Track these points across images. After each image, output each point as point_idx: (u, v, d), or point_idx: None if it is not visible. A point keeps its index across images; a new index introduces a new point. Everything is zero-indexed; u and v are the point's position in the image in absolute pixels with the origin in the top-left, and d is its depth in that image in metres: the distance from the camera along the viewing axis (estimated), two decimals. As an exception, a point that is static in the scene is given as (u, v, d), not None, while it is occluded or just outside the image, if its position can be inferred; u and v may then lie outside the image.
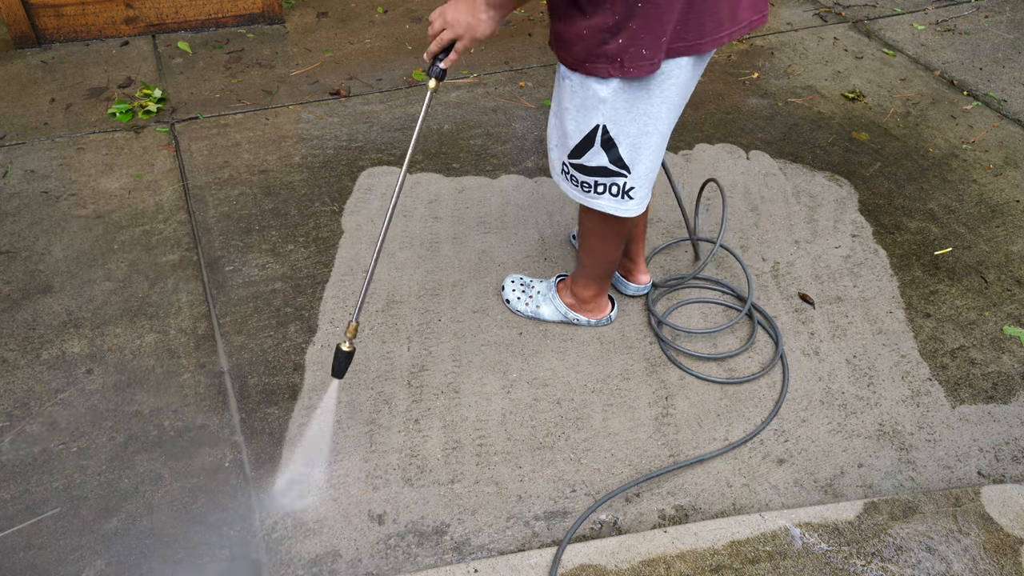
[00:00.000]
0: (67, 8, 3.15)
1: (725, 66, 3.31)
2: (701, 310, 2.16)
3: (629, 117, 1.47)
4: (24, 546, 1.57)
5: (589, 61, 1.39)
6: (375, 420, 1.84)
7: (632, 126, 1.48)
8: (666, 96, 1.46)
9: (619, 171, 1.56)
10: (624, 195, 1.61)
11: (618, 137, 1.50)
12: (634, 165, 1.55)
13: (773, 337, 2.09)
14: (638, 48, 1.34)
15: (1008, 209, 2.57)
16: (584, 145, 1.54)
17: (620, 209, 1.63)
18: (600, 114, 1.47)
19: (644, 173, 1.58)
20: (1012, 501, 1.66)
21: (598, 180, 1.59)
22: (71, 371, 1.92)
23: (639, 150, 1.53)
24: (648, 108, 1.46)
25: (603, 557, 1.53)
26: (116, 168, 2.57)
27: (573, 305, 2.02)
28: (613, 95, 1.43)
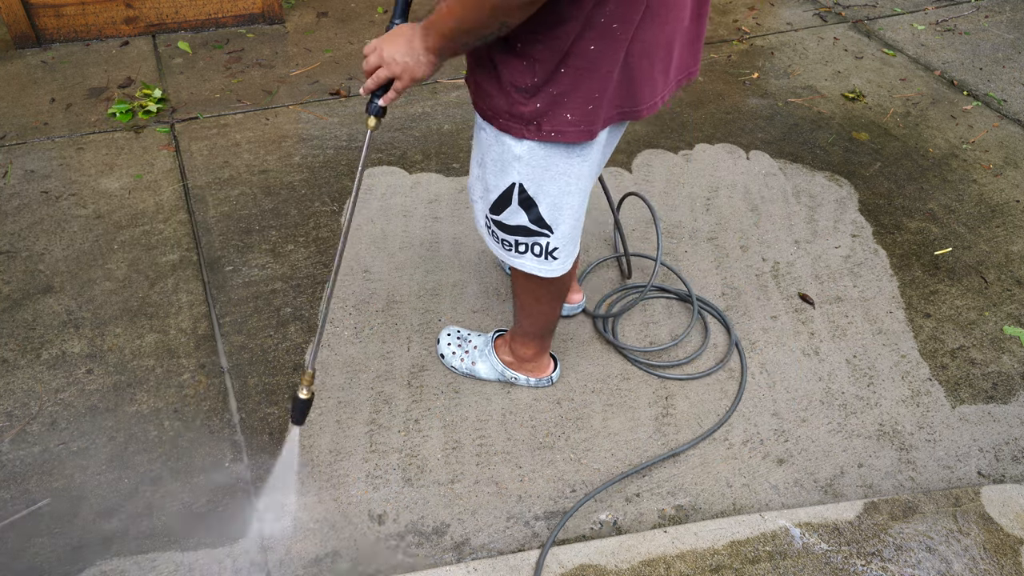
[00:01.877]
0: (67, 8, 3.15)
1: (725, 66, 3.31)
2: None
3: (548, 176, 1.36)
4: (24, 546, 1.57)
5: (503, 118, 1.30)
6: (375, 420, 1.84)
7: (552, 185, 1.37)
8: (586, 155, 1.36)
9: (540, 231, 1.45)
10: (547, 255, 1.50)
11: (537, 196, 1.39)
12: (556, 225, 1.44)
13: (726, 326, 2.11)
14: (560, 113, 1.25)
15: (1008, 209, 2.57)
16: (502, 202, 1.43)
17: (544, 270, 1.52)
18: (516, 172, 1.36)
19: (567, 232, 1.47)
20: (1012, 501, 1.66)
21: (519, 239, 1.48)
22: (71, 371, 1.92)
23: (560, 210, 1.42)
24: (568, 168, 1.36)
25: (603, 557, 1.53)
26: (116, 168, 2.57)
27: (511, 363, 1.88)
28: (529, 153, 1.32)
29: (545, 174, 1.36)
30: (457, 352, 1.93)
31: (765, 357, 2.04)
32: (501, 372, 1.90)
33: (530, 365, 1.88)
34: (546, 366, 1.91)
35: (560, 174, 1.36)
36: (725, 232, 2.43)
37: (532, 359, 1.86)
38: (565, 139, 1.28)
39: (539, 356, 1.86)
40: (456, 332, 1.97)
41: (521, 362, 1.88)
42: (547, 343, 1.84)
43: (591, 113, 1.26)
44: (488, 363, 1.90)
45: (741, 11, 3.77)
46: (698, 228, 2.44)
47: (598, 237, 2.38)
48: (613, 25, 1.16)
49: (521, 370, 1.89)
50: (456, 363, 1.93)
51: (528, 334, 1.80)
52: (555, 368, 1.92)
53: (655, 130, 2.88)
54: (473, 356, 1.92)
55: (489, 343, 1.91)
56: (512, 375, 1.89)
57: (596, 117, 1.27)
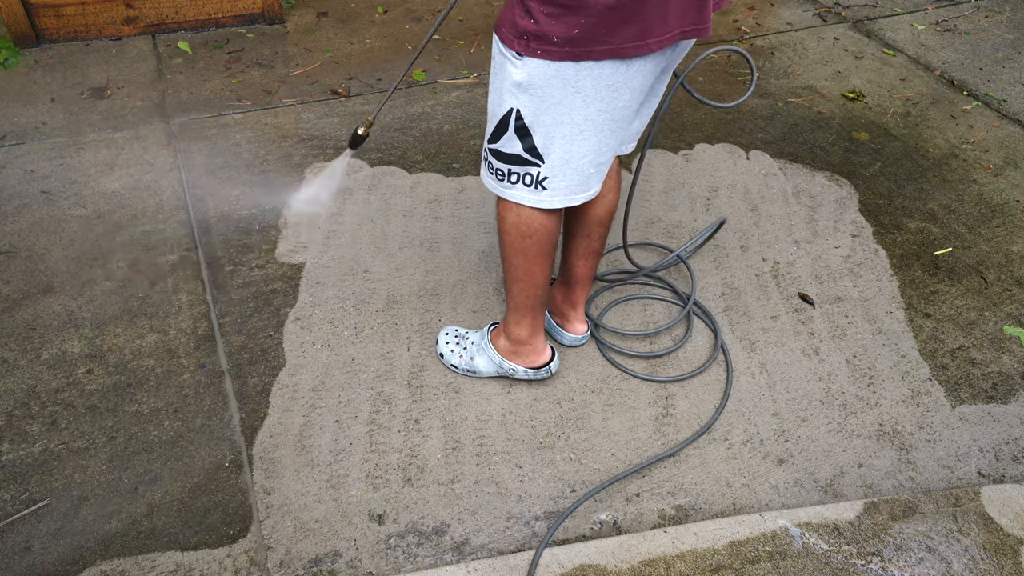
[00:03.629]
0: (67, 8, 3.15)
1: (725, 66, 3.31)
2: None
3: (544, 105, 1.40)
4: (24, 547, 1.57)
5: (504, 27, 1.37)
6: (375, 420, 1.84)
7: (546, 115, 1.42)
8: (582, 89, 1.37)
9: (533, 160, 1.50)
10: (537, 185, 1.53)
11: (532, 125, 1.44)
12: (547, 155, 1.48)
13: (712, 329, 2.11)
14: (548, 35, 1.30)
15: (1008, 209, 2.57)
16: (500, 129, 1.49)
17: (533, 200, 1.55)
18: (514, 97, 1.42)
19: (559, 164, 1.49)
20: (1012, 501, 1.66)
21: (512, 168, 1.53)
22: (71, 371, 1.92)
23: (553, 139, 1.46)
24: (563, 97, 1.39)
25: (603, 557, 1.53)
26: (116, 168, 2.57)
27: (507, 352, 1.87)
28: (528, 79, 1.37)
29: (541, 103, 1.40)
30: (456, 350, 1.94)
31: (765, 357, 2.04)
32: (499, 364, 1.88)
33: (525, 349, 1.85)
34: (542, 350, 1.88)
35: (555, 103, 1.40)
36: (725, 232, 2.43)
37: (527, 340, 1.84)
38: (546, 57, 1.33)
39: (533, 337, 1.84)
40: (455, 331, 1.99)
41: (516, 346, 1.85)
42: (539, 320, 1.82)
43: (575, 38, 1.30)
44: (486, 356, 1.90)
45: (741, 11, 3.77)
46: (698, 228, 2.44)
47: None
48: None
49: (518, 359, 1.87)
50: (456, 360, 1.93)
51: (520, 308, 1.78)
52: (552, 357, 1.90)
53: (655, 130, 2.87)
54: (472, 351, 1.92)
55: (485, 336, 1.91)
56: (510, 366, 1.87)
57: (579, 43, 1.30)
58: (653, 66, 1.42)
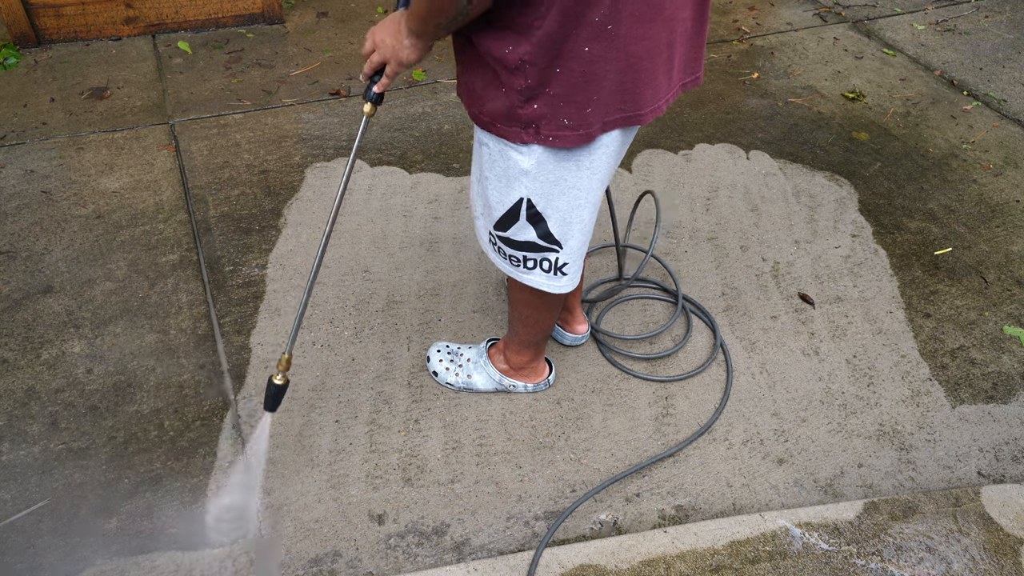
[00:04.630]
0: (67, 8, 3.15)
1: (725, 66, 3.31)
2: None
3: (557, 191, 1.33)
4: (24, 546, 1.57)
5: (501, 122, 1.25)
6: (375, 420, 1.84)
7: (561, 200, 1.34)
8: (596, 167, 1.32)
9: (550, 247, 1.42)
10: (557, 271, 1.47)
11: (546, 211, 1.35)
12: (566, 241, 1.41)
13: (710, 326, 2.11)
14: (558, 117, 1.21)
15: (1008, 209, 2.57)
16: (509, 218, 1.39)
17: (553, 286, 1.49)
18: (523, 187, 1.32)
19: (577, 248, 1.44)
20: (1012, 501, 1.66)
21: (527, 255, 1.45)
22: (71, 371, 1.92)
23: (570, 225, 1.38)
24: (577, 181, 1.32)
25: (603, 557, 1.53)
26: (116, 168, 2.57)
27: (507, 371, 1.86)
28: (537, 167, 1.28)
29: (554, 188, 1.32)
30: (451, 368, 1.90)
31: (765, 357, 2.04)
32: (499, 381, 1.87)
33: (526, 371, 1.87)
34: (542, 371, 1.89)
35: (570, 188, 1.33)
36: (725, 232, 2.43)
37: (527, 365, 1.85)
38: (564, 144, 1.25)
39: (534, 362, 1.85)
40: (446, 347, 1.94)
41: (516, 369, 1.86)
42: (541, 350, 1.84)
43: (588, 117, 1.22)
44: (484, 374, 1.88)
45: (741, 11, 3.77)
46: (698, 228, 2.44)
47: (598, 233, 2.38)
48: (608, 25, 1.13)
49: (518, 376, 1.87)
50: (451, 379, 1.89)
51: (524, 343, 1.78)
52: (550, 372, 1.91)
53: (655, 130, 2.87)
54: (468, 369, 1.89)
55: (483, 354, 1.89)
56: (510, 383, 1.87)
57: (593, 120, 1.23)
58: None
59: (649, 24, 1.18)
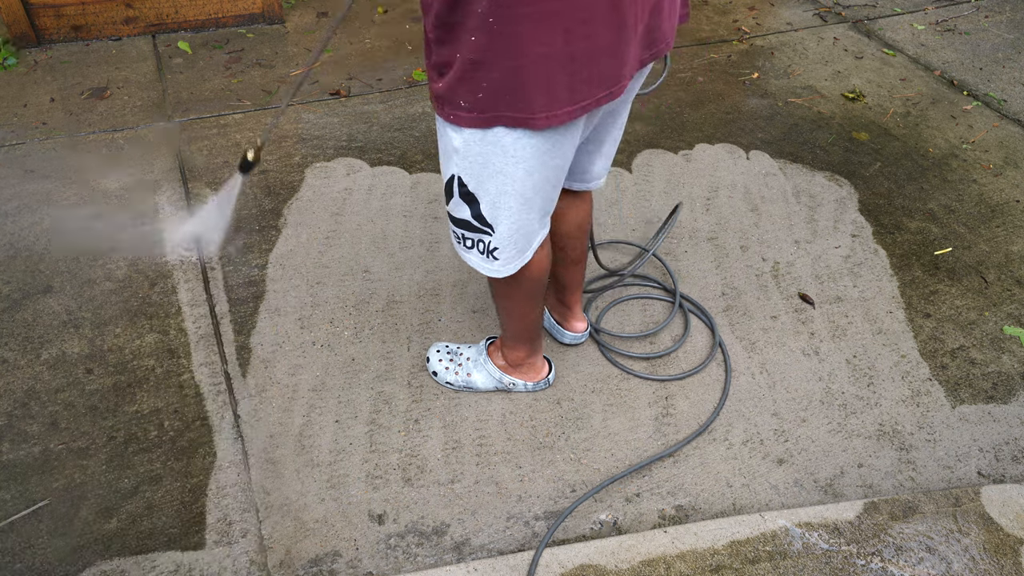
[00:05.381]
0: (67, 8, 3.15)
1: (725, 66, 3.31)
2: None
3: (486, 173, 1.32)
4: (24, 546, 1.57)
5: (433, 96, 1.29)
6: (375, 420, 1.84)
7: (490, 183, 1.33)
8: (520, 157, 1.28)
9: (483, 228, 1.42)
10: (489, 255, 1.46)
11: (477, 192, 1.36)
12: (496, 225, 1.40)
13: (709, 326, 2.11)
14: (456, 98, 1.22)
15: (1008, 209, 2.57)
16: (448, 193, 1.41)
17: (487, 268, 1.49)
18: (455, 164, 1.34)
19: (508, 235, 1.42)
20: (1012, 501, 1.66)
21: (465, 234, 1.46)
22: (71, 371, 1.92)
23: (499, 210, 1.38)
24: (503, 166, 1.30)
25: (603, 557, 1.53)
26: (116, 168, 2.57)
27: (506, 368, 1.86)
28: (464, 145, 1.29)
29: (483, 171, 1.32)
30: (450, 367, 1.90)
31: (765, 357, 2.04)
32: (499, 379, 1.87)
33: (524, 368, 1.86)
34: (540, 368, 1.89)
35: (496, 172, 1.31)
36: (725, 232, 2.43)
37: (524, 362, 1.85)
38: (458, 123, 1.25)
39: (531, 358, 1.85)
40: (445, 347, 1.94)
41: (515, 366, 1.86)
42: (536, 346, 1.83)
43: (481, 102, 1.20)
44: (484, 372, 1.88)
45: (741, 11, 3.77)
46: (698, 228, 2.44)
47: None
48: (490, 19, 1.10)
49: (517, 374, 1.87)
50: (451, 378, 1.89)
51: (514, 337, 1.78)
52: (550, 371, 1.91)
53: (655, 130, 2.88)
54: (468, 368, 1.89)
55: (483, 351, 1.89)
56: (510, 380, 1.87)
57: (486, 107, 1.21)
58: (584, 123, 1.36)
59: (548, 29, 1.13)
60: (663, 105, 3.03)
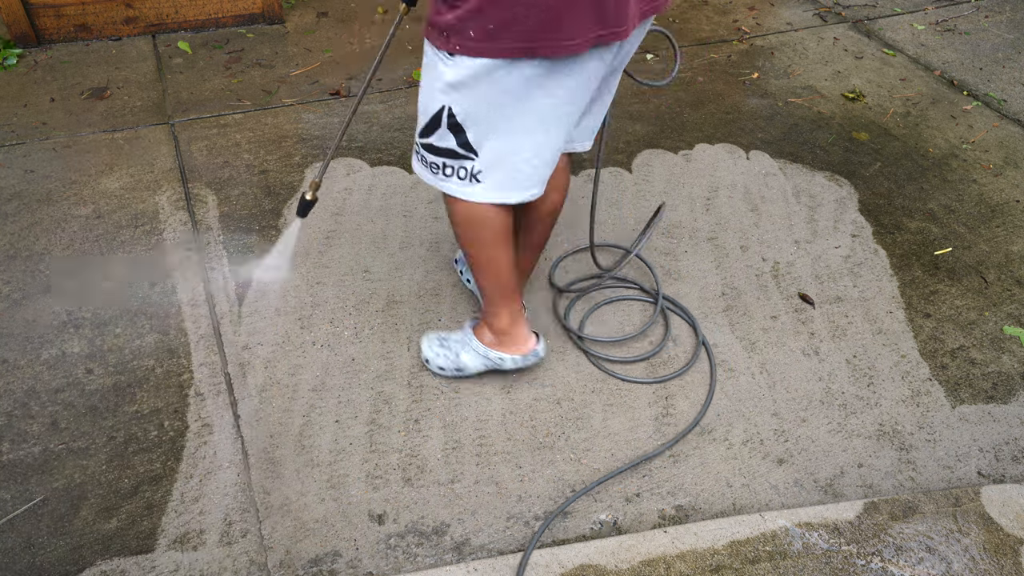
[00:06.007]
0: (67, 8, 3.15)
1: (725, 66, 3.31)
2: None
3: (476, 104, 1.41)
4: (24, 546, 1.57)
5: (432, 29, 1.36)
6: (375, 420, 1.84)
7: (479, 113, 1.43)
8: (510, 87, 1.37)
9: (467, 155, 1.51)
10: (471, 178, 1.54)
11: (465, 122, 1.45)
12: (480, 149, 1.49)
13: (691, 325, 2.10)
14: (466, 29, 1.30)
15: (1008, 209, 2.57)
16: (433, 124, 1.49)
17: (465, 193, 1.56)
18: (446, 95, 1.42)
19: (492, 160, 1.50)
20: (1012, 501, 1.66)
21: (446, 162, 1.54)
22: (71, 371, 1.92)
23: (486, 136, 1.46)
24: (494, 96, 1.39)
25: (603, 557, 1.53)
26: (116, 168, 2.57)
27: (492, 344, 1.85)
28: (457, 77, 1.37)
29: (472, 101, 1.40)
30: (440, 352, 1.91)
31: (765, 357, 2.04)
32: (485, 355, 1.86)
33: (509, 339, 1.84)
34: (526, 338, 1.85)
35: (486, 102, 1.40)
36: (725, 232, 2.43)
37: (508, 330, 1.82)
38: (467, 54, 1.32)
39: (514, 325, 1.82)
40: (436, 335, 1.95)
41: (500, 337, 1.84)
42: (515, 307, 1.80)
43: (492, 34, 1.29)
44: (471, 351, 1.87)
45: (741, 11, 3.78)
46: (698, 228, 2.44)
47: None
48: None
49: (503, 347, 1.85)
50: (442, 362, 1.91)
51: (493, 299, 1.78)
52: (538, 342, 1.88)
53: (655, 130, 2.88)
54: (456, 350, 1.89)
55: (468, 332, 1.89)
56: (497, 356, 1.85)
57: (499, 38, 1.29)
58: (593, 67, 1.41)
59: None
60: (663, 105, 3.03)
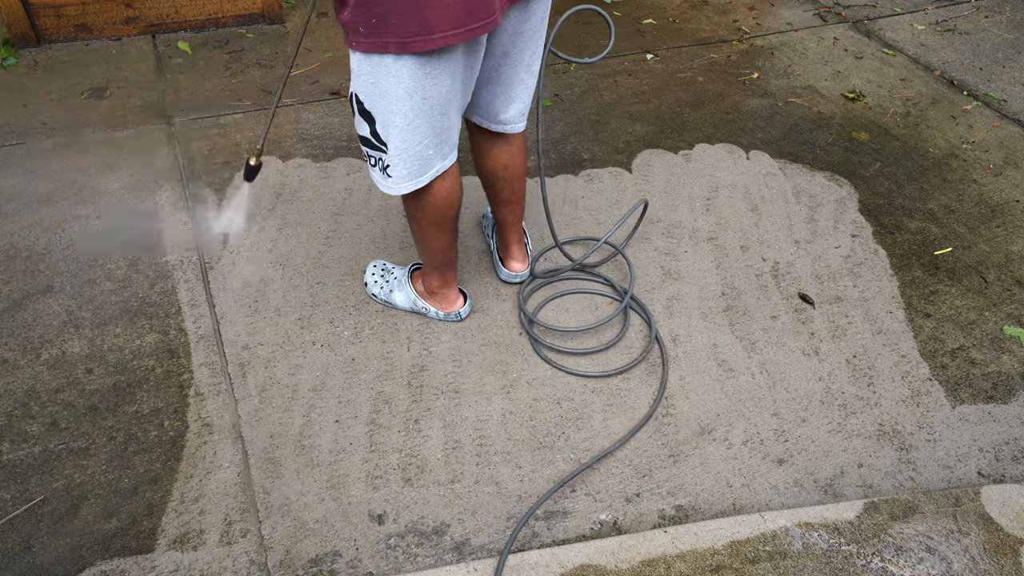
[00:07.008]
0: (67, 8, 3.15)
1: (725, 66, 3.31)
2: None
3: (376, 92, 1.49)
4: (24, 546, 1.57)
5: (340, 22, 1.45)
6: (375, 420, 1.84)
7: (379, 103, 1.51)
8: (400, 78, 1.45)
9: (379, 146, 1.59)
10: (383, 172, 1.63)
11: (372, 111, 1.53)
12: (388, 142, 1.57)
13: (646, 320, 2.12)
14: (357, 26, 1.39)
15: (1008, 209, 2.57)
16: (353, 111, 1.59)
17: (383, 185, 1.66)
18: (354, 84, 1.53)
19: (397, 152, 1.58)
20: (1012, 501, 1.66)
21: (368, 151, 1.63)
22: (71, 371, 1.92)
23: (388, 128, 1.54)
24: (388, 87, 1.47)
25: (603, 557, 1.53)
26: (116, 168, 2.57)
27: (422, 294, 2.03)
28: (358, 66, 1.48)
29: (373, 90, 1.50)
30: (379, 281, 2.09)
31: (765, 357, 2.04)
32: (413, 301, 2.04)
33: (438, 297, 2.02)
34: (454, 300, 2.03)
35: (383, 92, 1.48)
36: (725, 232, 2.43)
37: (438, 291, 2.00)
38: (358, 48, 1.43)
39: (444, 288, 2.00)
40: (382, 264, 2.14)
41: (430, 293, 2.02)
42: (448, 279, 1.97)
43: (376, 28, 1.38)
44: (404, 292, 2.05)
45: (741, 11, 3.78)
46: (698, 228, 2.44)
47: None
48: None
49: (431, 301, 2.03)
50: (376, 291, 2.09)
51: (427, 264, 1.94)
52: (465, 303, 2.05)
53: (655, 130, 2.88)
54: (392, 285, 2.07)
55: (406, 273, 2.07)
56: (423, 305, 2.03)
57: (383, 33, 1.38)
58: (473, 53, 1.51)
59: None
60: (663, 105, 3.03)
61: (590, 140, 2.81)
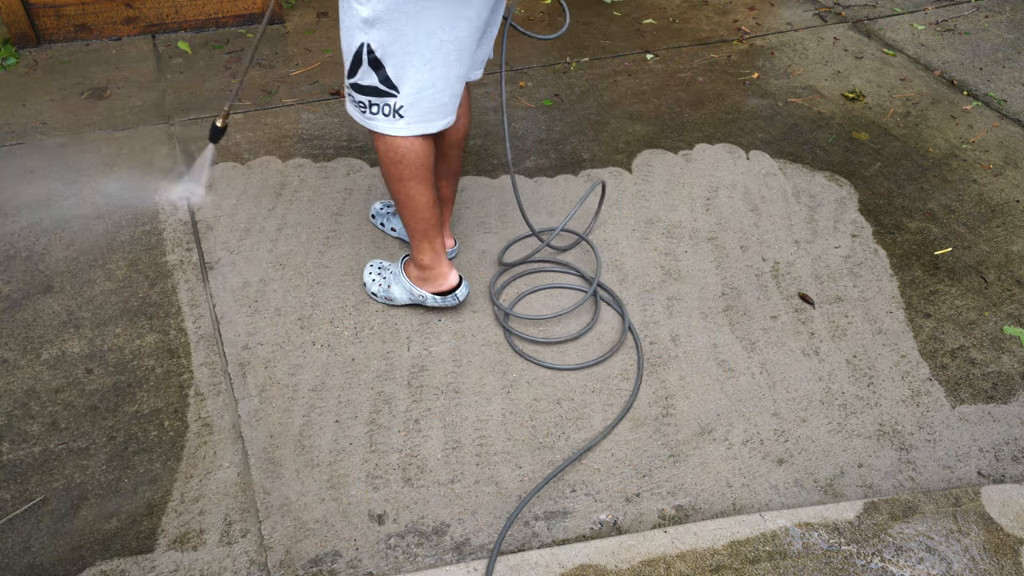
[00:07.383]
0: (67, 8, 3.15)
1: (725, 66, 3.31)
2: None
3: (391, 38, 1.53)
4: (24, 546, 1.57)
5: None
6: (375, 420, 1.84)
7: (395, 46, 1.55)
8: (422, 19, 1.51)
9: (388, 91, 1.62)
10: (395, 114, 1.66)
11: (384, 57, 1.57)
12: (401, 85, 1.61)
13: (620, 312, 2.12)
14: None
15: (1008, 209, 2.57)
16: (356, 63, 1.61)
17: (392, 128, 1.68)
18: (364, 33, 1.55)
19: (412, 93, 1.63)
20: (1012, 501, 1.66)
21: (371, 100, 1.65)
22: (71, 371, 1.92)
23: (404, 69, 1.58)
24: (407, 29, 1.52)
25: (603, 557, 1.53)
26: (116, 168, 2.57)
27: (418, 279, 2.02)
28: (372, 14, 1.51)
29: (387, 36, 1.53)
30: (377, 279, 2.10)
31: (765, 357, 2.04)
32: (410, 291, 2.03)
33: (432, 274, 1.98)
34: (447, 275, 2.00)
35: (401, 35, 1.53)
36: (725, 232, 2.43)
37: (431, 265, 1.97)
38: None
39: (436, 261, 1.96)
40: (378, 263, 2.14)
41: (424, 272, 1.98)
42: (437, 245, 1.94)
43: None
44: (400, 284, 2.04)
45: (741, 11, 3.78)
46: (698, 228, 2.44)
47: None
48: None
49: (426, 284, 2.00)
50: (375, 289, 2.09)
51: (415, 234, 1.92)
52: (460, 284, 2.02)
53: (655, 130, 2.88)
54: (389, 280, 2.07)
55: (399, 266, 2.07)
56: (420, 293, 2.02)
57: None
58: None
59: None
60: (663, 105, 3.03)
61: (590, 140, 2.81)
